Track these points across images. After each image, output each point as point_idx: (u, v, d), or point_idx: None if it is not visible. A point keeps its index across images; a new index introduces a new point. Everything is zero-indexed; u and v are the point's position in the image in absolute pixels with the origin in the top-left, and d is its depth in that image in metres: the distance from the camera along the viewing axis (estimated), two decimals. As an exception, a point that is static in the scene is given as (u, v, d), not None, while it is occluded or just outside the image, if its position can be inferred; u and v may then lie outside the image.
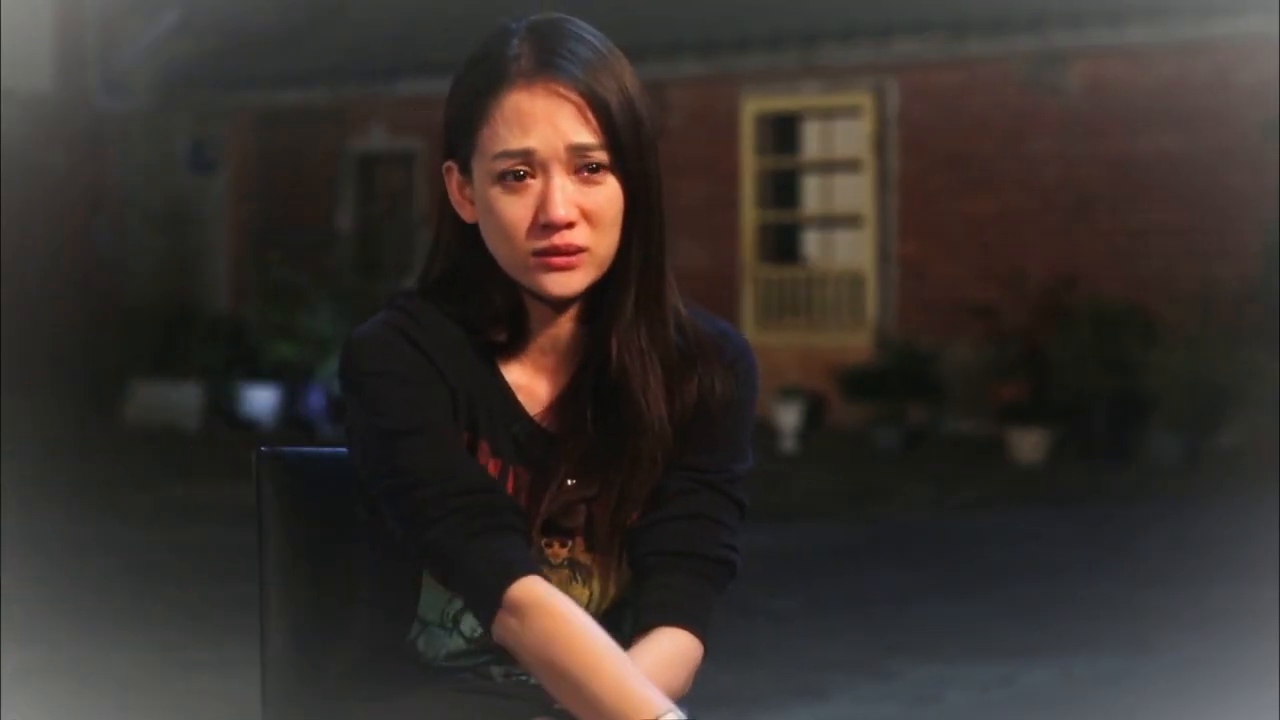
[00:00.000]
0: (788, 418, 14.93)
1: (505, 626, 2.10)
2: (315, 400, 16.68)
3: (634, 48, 2.24)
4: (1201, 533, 10.38)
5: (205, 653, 6.92)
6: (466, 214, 2.21)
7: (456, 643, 2.24)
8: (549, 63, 2.14)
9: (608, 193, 2.15)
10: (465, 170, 2.20)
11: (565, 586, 2.21)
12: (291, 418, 16.90)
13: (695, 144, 16.24)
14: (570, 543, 2.23)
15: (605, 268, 2.18)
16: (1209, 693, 6.30)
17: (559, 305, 2.20)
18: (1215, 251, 14.33)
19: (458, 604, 2.22)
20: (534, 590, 2.10)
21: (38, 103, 18.43)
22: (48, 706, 6.03)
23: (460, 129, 2.19)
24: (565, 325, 2.22)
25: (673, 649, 2.19)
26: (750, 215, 16.45)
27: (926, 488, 12.57)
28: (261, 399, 17.21)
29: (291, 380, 16.97)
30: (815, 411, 15.43)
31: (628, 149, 2.16)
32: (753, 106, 16.49)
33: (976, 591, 8.54)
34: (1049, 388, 14.28)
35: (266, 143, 19.22)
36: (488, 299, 2.21)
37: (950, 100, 15.51)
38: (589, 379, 2.21)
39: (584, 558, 2.23)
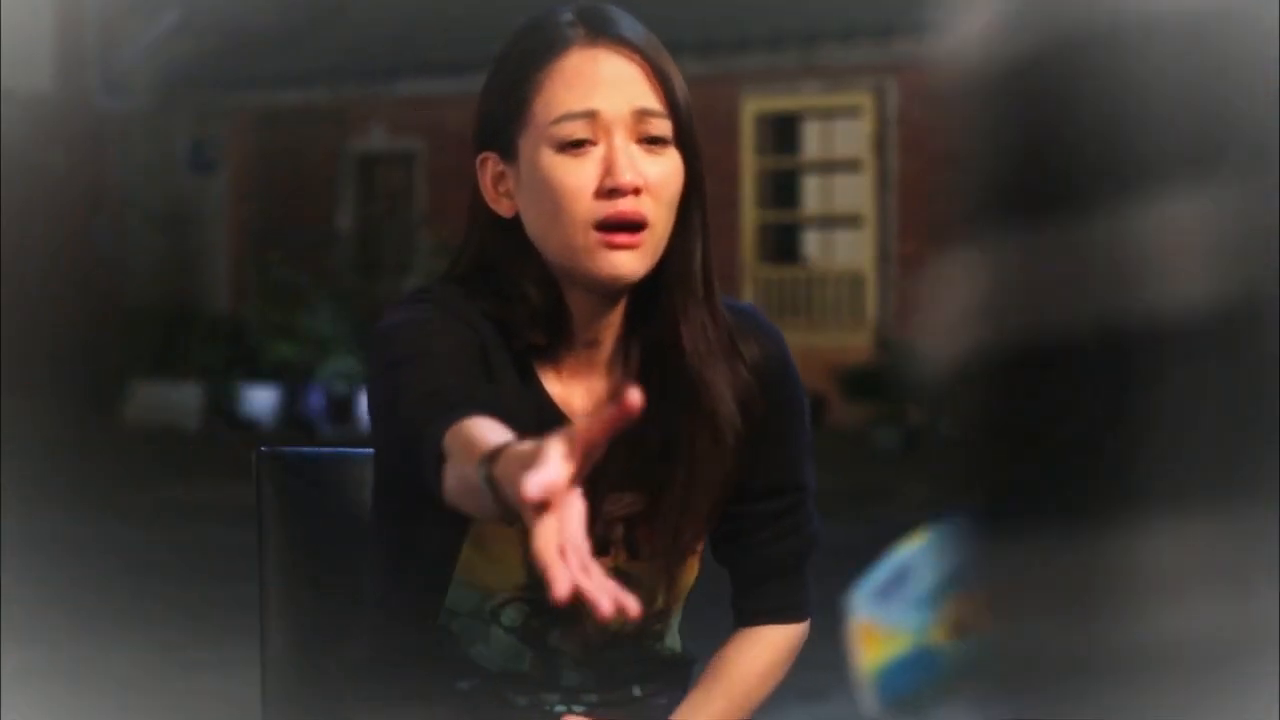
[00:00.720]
0: (788, 418, 14.95)
1: (445, 479, 1.86)
2: (315, 400, 16.68)
3: (634, 48, 2.22)
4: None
5: (205, 653, 6.92)
6: (504, 208, 2.07)
7: (497, 634, 2.14)
8: (608, 28, 2.05)
9: (670, 166, 2.04)
10: (508, 155, 2.06)
11: None
12: (291, 418, 16.90)
13: (695, 144, 16.24)
14: (612, 550, 2.12)
15: (660, 252, 2.04)
16: (1209, 692, 6.29)
17: (611, 295, 2.06)
18: (1215, 251, 14.34)
19: (498, 597, 2.12)
20: (460, 426, 1.86)
21: (38, 103, 18.43)
22: (48, 706, 6.02)
23: (505, 109, 2.07)
24: (609, 326, 2.09)
25: (768, 645, 2.21)
26: (750, 215, 16.45)
27: (926, 488, 12.57)
28: (261, 399, 17.21)
29: (291, 380, 16.97)
30: (815, 411, 15.33)
31: (686, 122, 2.06)
32: (753, 106, 16.49)
33: (976, 591, 8.53)
34: (1049, 388, 14.28)
35: (266, 143, 19.22)
36: (524, 296, 2.06)
37: (950, 100, 15.51)
38: (649, 379, 2.04)
39: (630, 566, 2.13)
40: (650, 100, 2.04)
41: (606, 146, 2.02)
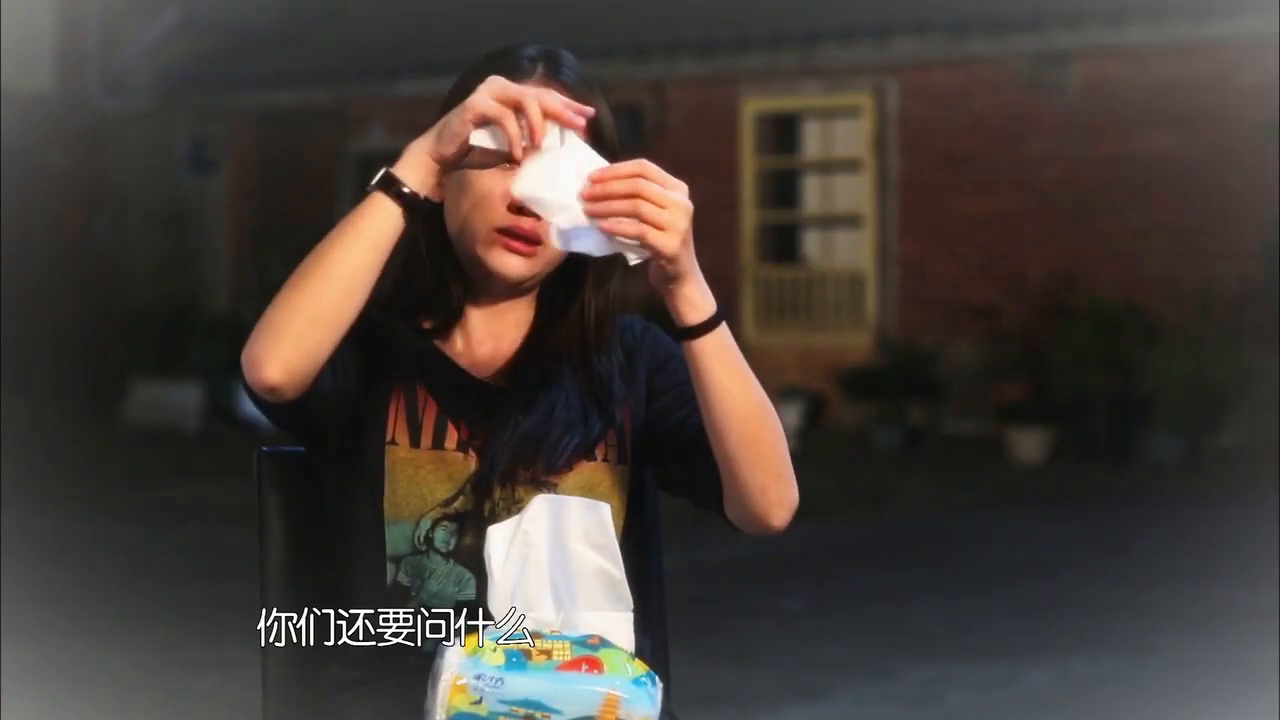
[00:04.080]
0: (788, 418, 14.90)
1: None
2: (315, 400, 16.66)
3: (634, 48, 2.27)
4: (1201, 533, 10.38)
5: (205, 653, 6.92)
6: (436, 193, 2.29)
7: (437, 564, 2.34)
8: (560, 71, 2.37)
9: None
10: None
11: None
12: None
13: (695, 144, 16.23)
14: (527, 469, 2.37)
15: (553, 266, 2.38)
16: (1209, 693, 6.30)
17: (507, 291, 2.39)
18: (1215, 251, 14.32)
19: (424, 522, 2.33)
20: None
21: (38, 103, 18.43)
22: (48, 706, 6.03)
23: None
24: (514, 311, 2.43)
25: None
26: (750, 215, 16.45)
27: (926, 488, 12.56)
28: (261, 399, 17.19)
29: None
30: (815, 411, 15.42)
31: (610, 159, 2.29)
32: (753, 106, 16.48)
33: (976, 591, 8.54)
34: (1049, 388, 14.27)
35: (266, 143, 19.22)
36: (414, 288, 2.40)
37: (950, 100, 15.51)
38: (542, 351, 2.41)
39: (547, 479, 2.38)
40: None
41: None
